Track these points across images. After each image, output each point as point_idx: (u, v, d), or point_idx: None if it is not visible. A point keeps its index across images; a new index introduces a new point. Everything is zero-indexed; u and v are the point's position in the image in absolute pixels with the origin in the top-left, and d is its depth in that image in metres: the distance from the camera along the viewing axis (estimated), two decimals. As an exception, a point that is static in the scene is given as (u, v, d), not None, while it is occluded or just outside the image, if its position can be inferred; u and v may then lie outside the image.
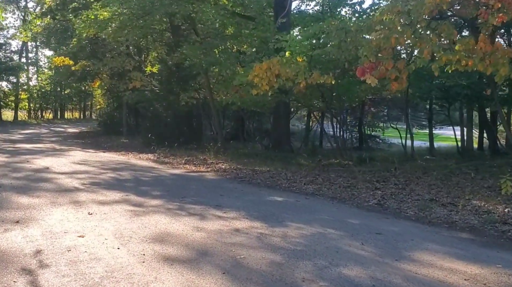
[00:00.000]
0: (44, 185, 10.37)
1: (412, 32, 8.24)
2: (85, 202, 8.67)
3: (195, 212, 7.91)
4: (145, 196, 9.46)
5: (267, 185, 11.28)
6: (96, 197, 9.22)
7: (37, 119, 48.77)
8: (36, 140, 24.83)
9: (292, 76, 11.22)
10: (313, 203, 9.16)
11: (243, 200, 9.13)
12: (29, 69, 50.87)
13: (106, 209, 8.04)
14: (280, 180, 11.79)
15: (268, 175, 12.50)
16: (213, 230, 6.71)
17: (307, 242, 6.15)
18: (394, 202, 9.02)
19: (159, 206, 8.43)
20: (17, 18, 50.34)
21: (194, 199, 9.13)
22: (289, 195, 9.93)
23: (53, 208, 8.08)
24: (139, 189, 10.37)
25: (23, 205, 8.19)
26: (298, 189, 10.63)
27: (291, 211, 8.23)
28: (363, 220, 7.73)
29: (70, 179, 11.34)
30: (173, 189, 10.37)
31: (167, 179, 12.13)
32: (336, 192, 10.11)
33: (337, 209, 8.57)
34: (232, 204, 8.64)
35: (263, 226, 6.99)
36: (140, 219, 7.33)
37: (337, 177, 11.92)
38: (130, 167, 14.40)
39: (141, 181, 11.73)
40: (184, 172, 13.70)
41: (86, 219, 7.29)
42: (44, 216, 7.43)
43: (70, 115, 64.77)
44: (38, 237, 6.21)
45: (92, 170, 13.41)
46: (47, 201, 8.67)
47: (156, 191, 10.10)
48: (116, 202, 8.78)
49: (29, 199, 8.74)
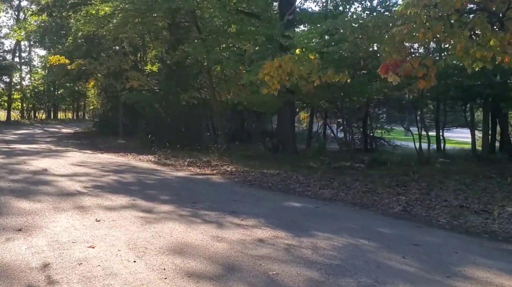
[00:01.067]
0: (44, 188, 9.78)
1: (442, 26, 7.71)
2: (90, 207, 8.10)
3: (211, 219, 7.36)
4: (153, 200, 8.90)
5: (279, 189, 10.73)
6: (101, 201, 8.64)
7: (30, 120, 47.97)
8: (31, 141, 24.16)
9: (305, 75, 10.68)
10: (333, 209, 8.62)
11: (259, 206, 8.58)
12: (22, 68, 49.92)
13: (114, 215, 7.47)
14: (292, 183, 11.25)
15: (279, 178, 11.95)
16: (234, 240, 6.16)
17: (342, 255, 5.62)
18: (421, 209, 8.49)
19: (170, 212, 7.87)
20: (10, 17, 49.70)
21: (206, 205, 8.57)
22: (305, 201, 9.39)
23: (56, 214, 7.51)
24: (145, 193, 9.80)
25: (24, 211, 7.61)
26: (314, 194, 10.08)
27: (313, 218, 7.68)
28: (394, 229, 7.20)
29: (71, 182, 10.76)
30: (181, 193, 9.81)
31: (173, 182, 11.57)
32: (355, 198, 9.57)
33: (361, 216, 8.03)
34: (248, 210, 8.09)
35: (288, 235, 6.45)
36: (152, 227, 6.77)
37: (353, 181, 11.39)
38: (132, 169, 13.81)
39: (146, 184, 11.16)
40: (189, 174, 13.14)
41: (94, 227, 6.72)
42: (48, 223, 6.86)
43: (63, 115, 63.87)
44: (44, 247, 5.64)
45: (93, 172, 12.82)
46: (49, 206, 8.10)
47: (164, 195, 9.54)
48: (123, 207, 8.21)
49: (30, 204, 8.16)
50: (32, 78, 51.98)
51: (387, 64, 8.42)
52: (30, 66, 52.80)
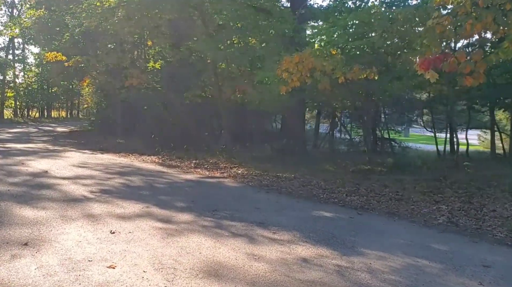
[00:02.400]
0: (47, 193, 8.97)
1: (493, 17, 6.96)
2: (101, 215, 7.31)
3: (239, 232, 6.58)
4: (168, 207, 8.12)
5: (301, 195, 9.95)
6: (112, 208, 7.85)
7: (23, 118, 46.89)
8: (26, 140, 23.24)
9: (329, 71, 9.92)
10: (370, 220, 7.84)
11: (286, 216, 7.81)
12: (15, 66, 48.82)
13: (129, 226, 6.68)
14: (314, 189, 10.47)
15: (297, 183, 11.17)
16: (274, 259, 5.39)
17: (407, 280, 4.85)
18: (469, 220, 7.73)
19: (191, 222, 7.09)
20: (4, 14, 48.70)
21: (228, 213, 7.79)
22: (335, 209, 8.61)
23: (65, 223, 6.71)
24: (158, 198, 9.01)
25: (28, 220, 6.81)
26: (342, 201, 9.30)
27: (353, 231, 6.90)
28: (449, 244, 6.42)
29: (75, 186, 9.95)
30: (197, 199, 9.01)
31: (184, 186, 10.77)
32: (390, 206, 8.80)
33: (405, 229, 7.27)
34: (276, 221, 7.31)
35: (334, 254, 5.68)
36: (176, 241, 5.99)
37: (380, 186, 10.62)
38: (137, 171, 13.01)
39: (156, 188, 10.36)
40: (198, 177, 12.35)
41: (109, 240, 5.93)
42: (57, 236, 6.07)
43: (57, 114, 62.79)
44: (56, 268, 4.86)
45: (96, 174, 12.01)
46: (55, 214, 7.30)
47: (179, 202, 8.75)
48: (138, 216, 7.42)
49: (33, 212, 7.35)
50: (26, 76, 50.89)
51: (428, 59, 7.67)
52: (23, 64, 51.66)
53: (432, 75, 7.95)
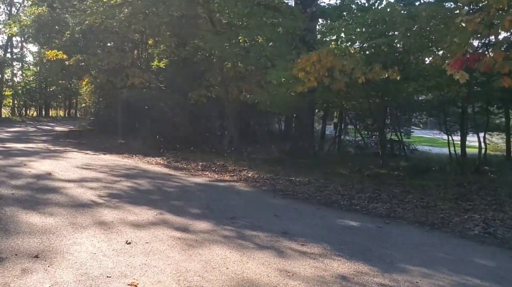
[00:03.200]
0: (53, 197, 8.51)
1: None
2: (113, 223, 6.84)
3: (264, 243, 6.12)
4: (183, 214, 7.66)
5: (320, 201, 9.49)
6: (124, 215, 7.39)
7: (21, 117, 46.26)
8: (26, 140, 22.73)
9: (349, 70, 9.47)
10: (400, 230, 7.37)
11: (309, 225, 7.35)
12: (14, 65, 48.24)
13: (145, 236, 6.22)
14: (332, 194, 10.01)
15: (313, 187, 10.71)
16: (310, 276, 4.94)
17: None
18: (507, 231, 7.27)
19: (210, 232, 6.63)
20: (2, 12, 48.12)
21: (247, 221, 7.34)
22: (360, 218, 8.15)
23: (76, 232, 6.25)
24: (170, 204, 8.56)
25: (37, 228, 6.35)
26: (365, 209, 8.84)
27: (387, 243, 6.45)
28: (495, 259, 5.94)
29: (82, 189, 9.49)
30: (211, 205, 8.55)
31: (195, 190, 10.31)
32: (418, 215, 8.34)
33: (440, 240, 6.81)
34: (301, 231, 6.86)
35: (373, 270, 5.22)
36: (198, 254, 5.54)
37: (403, 192, 10.16)
38: (144, 173, 12.55)
39: (166, 192, 9.91)
40: (207, 180, 11.90)
41: (126, 252, 5.48)
42: (69, 247, 5.61)
43: (55, 113, 62.18)
44: (72, 285, 4.42)
45: (102, 176, 11.55)
46: (64, 221, 6.83)
47: (193, 208, 8.29)
48: (152, 224, 6.96)
49: (41, 218, 6.89)
50: (24, 74, 50.30)
51: (461, 59, 7.23)
52: (22, 62, 51.07)
53: (462, 75, 7.54)
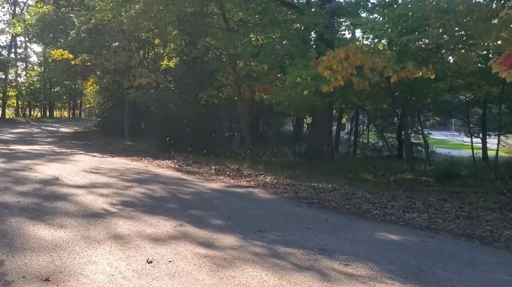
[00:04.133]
0: (62, 206, 7.86)
1: None
2: (130, 237, 6.18)
3: (302, 263, 5.44)
4: (205, 226, 6.99)
5: (350, 211, 8.79)
6: (140, 227, 6.73)
7: (25, 118, 45.72)
8: (30, 141, 22.12)
9: (381, 68, 8.79)
10: (448, 245, 6.64)
11: (347, 239, 6.66)
12: (17, 65, 47.69)
13: (167, 253, 5.56)
14: (361, 203, 9.29)
15: (339, 195, 10.00)
16: (365, 305, 4.26)
17: None
18: None
19: (238, 248, 5.95)
20: (6, 12, 47.68)
21: (277, 235, 6.65)
22: (399, 230, 7.44)
23: (90, 248, 5.60)
24: (189, 213, 7.90)
25: (46, 243, 5.70)
26: (401, 220, 8.13)
27: (439, 262, 5.73)
28: None
29: (92, 196, 8.84)
30: (233, 215, 7.87)
31: (213, 197, 9.64)
32: (461, 226, 7.62)
33: (497, 259, 6.07)
34: (340, 247, 6.17)
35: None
36: (230, 276, 4.87)
37: (439, 200, 9.42)
38: (156, 178, 11.91)
39: (183, 200, 9.23)
40: (224, 186, 11.24)
41: (149, 274, 4.82)
42: (83, 266, 4.96)
43: (59, 114, 61.69)
44: (91, 317, 3.72)
45: (113, 181, 10.90)
46: (76, 234, 6.18)
47: (214, 218, 7.62)
48: (173, 237, 6.29)
49: (50, 231, 6.24)
50: (28, 75, 49.78)
51: (511, 55, 6.56)
52: (26, 63, 50.54)
53: (510, 74, 6.88)
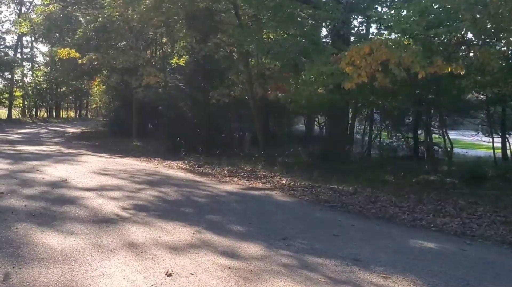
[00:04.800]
0: (72, 210, 7.39)
1: None
2: (146, 245, 5.71)
3: (337, 276, 4.94)
4: (225, 233, 6.51)
5: (376, 215, 8.27)
6: (156, 234, 6.25)
7: (32, 118, 45.38)
8: (37, 142, 21.70)
9: (408, 63, 8.27)
10: (490, 254, 6.11)
11: (379, 247, 6.14)
12: (24, 65, 47.38)
13: (188, 264, 5.08)
14: (387, 207, 8.77)
15: (362, 198, 9.48)
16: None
17: None
18: None
19: (264, 258, 5.45)
20: (12, 12, 47.40)
21: (304, 243, 6.15)
22: (433, 236, 6.92)
23: (103, 258, 5.13)
24: (206, 219, 7.41)
25: (55, 252, 5.24)
26: (433, 225, 7.59)
27: (485, 274, 5.21)
28: None
29: (102, 199, 8.37)
30: (253, 220, 7.39)
31: (229, 201, 9.16)
32: (500, 233, 7.02)
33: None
34: (375, 257, 5.65)
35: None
36: (260, 292, 4.37)
37: (470, 204, 8.84)
38: (167, 180, 11.45)
39: (198, 203, 8.76)
40: (239, 188, 10.76)
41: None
42: (97, 281, 4.49)
43: (65, 114, 61.40)
44: None
45: (123, 184, 10.44)
46: (88, 242, 5.71)
47: (233, 224, 7.14)
48: (192, 246, 5.81)
49: (60, 239, 5.77)
50: (34, 75, 49.48)
51: None
52: (32, 63, 50.26)
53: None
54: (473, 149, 20.98)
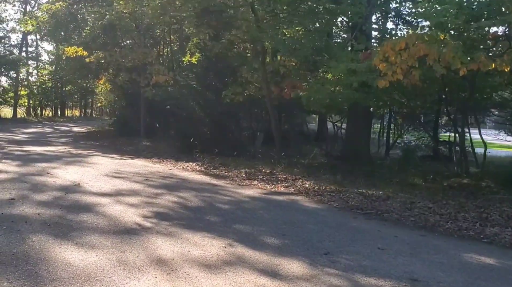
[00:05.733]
0: (89, 219, 6.85)
1: None
2: (175, 261, 5.16)
3: (399, 300, 4.35)
4: (259, 247, 5.94)
5: (417, 224, 7.66)
6: (184, 247, 5.69)
7: (37, 117, 44.87)
8: (44, 142, 21.14)
9: (448, 59, 7.67)
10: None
11: (434, 264, 5.56)
12: (29, 64, 46.86)
13: (226, 286, 4.49)
14: (426, 214, 8.13)
15: (397, 204, 8.84)
16: None
17: None
18: None
19: (311, 279, 4.88)
20: (17, 11, 46.95)
21: (349, 259, 5.57)
22: (488, 250, 6.32)
23: (130, 278, 4.60)
24: (234, 229, 6.84)
25: (77, 271, 4.72)
26: (483, 236, 6.93)
27: None
28: None
29: (120, 206, 7.83)
30: (286, 232, 6.79)
31: (255, 208, 8.58)
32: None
33: None
34: (434, 276, 5.06)
35: None
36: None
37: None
38: (184, 184, 10.89)
39: (222, 211, 8.16)
40: (261, 193, 10.18)
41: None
42: (128, 307, 3.89)
43: (70, 113, 60.89)
44: None
45: (139, 188, 9.88)
46: (111, 258, 5.17)
47: (266, 235, 6.55)
48: (226, 263, 5.24)
49: (80, 253, 5.24)
50: (39, 74, 48.97)
51: None
52: (37, 61, 49.74)
53: None
54: (492, 148, 20.39)
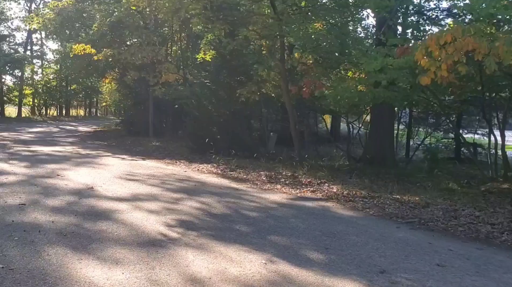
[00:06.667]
0: (108, 228, 6.20)
1: None
2: (213, 282, 4.55)
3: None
4: (303, 263, 5.25)
5: (468, 236, 6.94)
6: (219, 264, 5.02)
7: (42, 116, 44.33)
8: (51, 142, 20.52)
9: (501, 54, 6.97)
10: None
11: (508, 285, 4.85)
12: (34, 62, 46.33)
13: (281, 313, 3.80)
14: (474, 223, 7.41)
15: (439, 212, 8.12)
16: None
17: None
18: None
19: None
20: (22, 9, 46.55)
21: (409, 280, 4.87)
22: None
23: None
24: (270, 241, 6.14)
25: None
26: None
27: None
28: None
29: (139, 213, 7.18)
30: (329, 245, 6.08)
31: (286, 216, 7.87)
32: None
33: None
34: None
35: None
36: None
37: None
38: (203, 187, 10.22)
39: (252, 219, 7.46)
40: (288, 198, 9.48)
41: None
42: None
43: (75, 112, 60.42)
44: None
45: (156, 192, 9.24)
46: (139, 276, 4.53)
47: (308, 249, 5.85)
48: (272, 283, 4.60)
49: (103, 271, 4.60)
50: (44, 72, 48.47)
51: None
52: (42, 60, 49.22)
53: None
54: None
